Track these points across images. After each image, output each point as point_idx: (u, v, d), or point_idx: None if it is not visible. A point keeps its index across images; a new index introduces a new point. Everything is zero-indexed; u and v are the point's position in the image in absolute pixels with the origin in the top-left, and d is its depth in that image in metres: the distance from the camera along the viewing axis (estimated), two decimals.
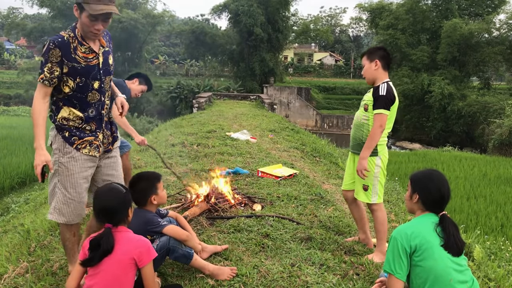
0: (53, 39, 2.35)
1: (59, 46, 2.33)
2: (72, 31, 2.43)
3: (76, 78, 2.40)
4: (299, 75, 48.92)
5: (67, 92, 2.43)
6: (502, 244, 5.16)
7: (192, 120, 11.84)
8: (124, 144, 4.37)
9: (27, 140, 14.00)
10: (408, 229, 2.17)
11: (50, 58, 2.32)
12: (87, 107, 2.50)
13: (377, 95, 3.05)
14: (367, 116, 3.15)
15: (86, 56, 2.44)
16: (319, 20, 44.19)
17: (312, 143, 9.38)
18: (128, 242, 2.07)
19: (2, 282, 2.68)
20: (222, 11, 33.49)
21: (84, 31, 2.43)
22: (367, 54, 3.21)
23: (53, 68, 2.34)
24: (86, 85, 2.45)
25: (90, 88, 2.47)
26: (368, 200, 3.18)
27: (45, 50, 2.32)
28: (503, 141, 19.50)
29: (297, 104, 29.64)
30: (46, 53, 2.33)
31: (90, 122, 2.53)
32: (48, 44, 2.33)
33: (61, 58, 2.34)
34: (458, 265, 2.13)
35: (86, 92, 2.47)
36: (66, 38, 2.38)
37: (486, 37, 29.35)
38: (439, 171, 2.38)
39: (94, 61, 2.47)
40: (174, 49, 57.87)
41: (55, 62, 2.33)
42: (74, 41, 2.40)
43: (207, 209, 3.75)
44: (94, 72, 2.47)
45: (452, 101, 26.73)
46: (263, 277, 2.64)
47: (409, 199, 2.36)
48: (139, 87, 4.45)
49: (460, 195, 9.11)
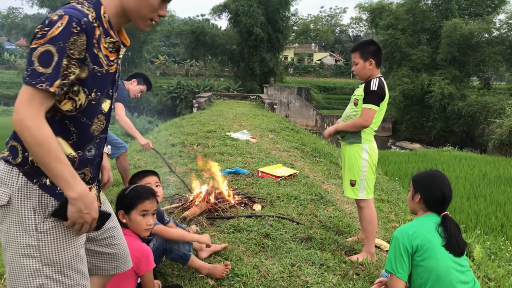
0: (76, 15, 1.33)
1: (86, 30, 1.35)
2: (95, 9, 1.42)
3: (92, 91, 1.45)
4: (299, 75, 48.93)
5: (65, 112, 1.42)
6: (502, 244, 5.16)
7: (192, 120, 11.84)
8: (120, 145, 4.37)
9: None
10: (409, 229, 2.18)
11: (69, 49, 1.32)
12: (87, 142, 1.52)
13: (368, 89, 3.03)
14: (356, 110, 3.12)
15: (108, 55, 1.49)
16: (319, 20, 44.23)
17: (312, 143, 9.38)
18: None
19: (2, 282, 2.68)
20: (222, 11, 33.46)
21: (132, 15, 1.50)
22: (359, 51, 3.09)
23: (70, 68, 1.34)
24: (98, 104, 1.51)
25: (99, 110, 1.53)
26: (355, 196, 3.16)
27: (61, 33, 1.30)
28: (503, 141, 19.50)
29: (297, 104, 29.63)
30: (63, 38, 1.31)
31: (85, 167, 1.53)
32: (69, 22, 1.31)
33: (86, 52, 1.37)
34: (459, 266, 2.12)
35: (94, 116, 1.51)
36: (92, 19, 1.39)
37: (486, 37, 29.34)
38: (441, 172, 2.39)
39: (113, 66, 1.54)
40: (174, 49, 57.86)
41: (76, 58, 1.35)
42: (99, 27, 1.42)
43: (207, 209, 3.75)
44: (109, 85, 1.56)
45: (452, 101, 26.71)
46: (263, 277, 2.64)
47: (411, 200, 2.36)
48: (137, 88, 4.44)
49: (460, 195, 9.11)
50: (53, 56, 1.30)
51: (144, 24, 1.54)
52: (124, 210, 2.17)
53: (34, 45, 1.31)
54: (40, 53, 1.30)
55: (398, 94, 28.05)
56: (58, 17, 1.32)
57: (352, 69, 3.24)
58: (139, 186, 2.34)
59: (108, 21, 1.45)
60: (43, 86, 1.29)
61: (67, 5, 1.40)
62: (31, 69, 1.30)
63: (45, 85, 1.29)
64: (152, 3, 1.47)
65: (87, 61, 1.39)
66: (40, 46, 1.30)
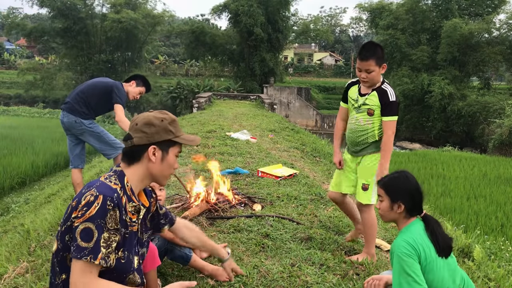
0: (109, 194, 1.59)
1: (118, 205, 1.61)
2: (119, 181, 1.69)
3: (120, 250, 1.66)
4: (299, 75, 48.93)
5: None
6: (502, 244, 5.16)
7: (192, 120, 11.84)
8: (117, 145, 4.37)
9: (27, 140, 14.01)
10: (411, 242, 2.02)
11: (107, 223, 1.55)
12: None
13: (387, 101, 2.93)
14: (371, 120, 3.02)
15: (132, 217, 1.73)
16: (319, 20, 44.08)
17: (312, 143, 9.38)
18: None
19: (2, 282, 2.68)
20: (222, 11, 33.45)
21: (157, 177, 1.79)
22: (375, 58, 2.87)
23: (111, 238, 1.57)
24: (128, 262, 1.70)
25: (132, 267, 1.73)
26: (368, 201, 3.09)
27: (99, 211, 1.53)
28: (503, 141, 19.51)
29: (297, 104, 29.62)
30: (101, 216, 1.54)
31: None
32: (104, 202, 1.55)
33: (119, 222, 1.62)
34: (451, 270, 2.06)
35: (127, 273, 1.71)
36: (120, 191, 1.66)
37: (486, 37, 29.35)
38: (407, 170, 2.26)
39: (135, 226, 1.75)
40: (174, 49, 57.86)
41: (113, 228, 1.58)
42: (124, 195, 1.69)
43: (207, 209, 3.75)
44: (134, 243, 1.76)
45: (452, 101, 26.72)
46: (263, 277, 2.64)
47: (389, 210, 2.15)
48: (136, 89, 4.43)
49: (460, 195, 9.11)
50: (93, 232, 1.53)
51: (166, 179, 1.86)
52: None
53: (76, 224, 1.53)
54: (81, 230, 1.53)
55: (398, 94, 27.11)
56: (94, 197, 1.56)
57: (363, 77, 2.96)
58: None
59: (130, 189, 1.72)
60: (88, 259, 1.51)
61: (98, 182, 1.64)
62: (75, 244, 1.53)
63: (89, 257, 1.52)
64: (172, 163, 1.80)
65: (120, 228, 1.62)
66: (81, 224, 1.52)
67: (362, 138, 3.09)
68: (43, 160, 11.32)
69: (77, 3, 31.73)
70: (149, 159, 1.74)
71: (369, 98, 3.02)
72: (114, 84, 4.25)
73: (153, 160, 1.74)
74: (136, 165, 1.75)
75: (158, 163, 1.75)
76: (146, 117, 1.77)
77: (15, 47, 57.93)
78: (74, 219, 1.55)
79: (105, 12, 33.98)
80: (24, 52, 56.46)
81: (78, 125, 4.20)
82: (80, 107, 4.20)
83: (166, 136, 1.76)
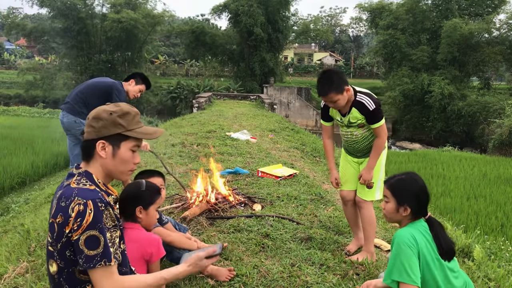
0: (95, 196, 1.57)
1: (107, 203, 1.62)
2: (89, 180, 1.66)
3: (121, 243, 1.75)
4: (299, 75, 48.89)
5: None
6: (502, 244, 5.15)
7: (192, 120, 11.84)
8: None
9: (27, 140, 13.99)
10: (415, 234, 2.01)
11: (106, 224, 1.57)
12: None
13: (368, 111, 2.94)
14: (366, 129, 3.08)
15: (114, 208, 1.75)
16: (319, 20, 44.05)
17: (312, 143, 9.38)
18: (139, 240, 2.14)
19: (2, 282, 2.68)
20: (222, 11, 33.44)
21: (114, 174, 1.72)
22: (333, 90, 2.84)
23: (113, 236, 1.61)
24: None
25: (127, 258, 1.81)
26: (372, 198, 3.15)
27: (95, 216, 1.53)
28: (503, 141, 19.48)
29: (297, 104, 29.62)
30: (99, 220, 1.54)
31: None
32: (95, 205, 1.54)
33: (115, 219, 1.65)
34: (452, 272, 2.05)
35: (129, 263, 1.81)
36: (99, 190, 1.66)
37: (486, 37, 29.32)
38: (414, 172, 2.23)
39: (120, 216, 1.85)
40: (174, 49, 57.82)
41: (113, 226, 1.61)
42: (102, 192, 1.69)
43: (207, 209, 3.75)
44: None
45: (452, 101, 26.70)
46: (263, 277, 2.64)
47: (395, 212, 2.12)
48: (136, 88, 4.42)
49: (460, 195, 9.10)
50: (99, 238, 1.52)
51: (126, 176, 1.77)
52: (143, 206, 2.22)
53: (75, 237, 1.51)
54: (85, 240, 1.51)
55: (398, 94, 28.03)
56: (83, 205, 1.53)
57: (332, 106, 2.99)
58: (149, 182, 2.34)
59: (103, 184, 1.69)
60: (102, 264, 1.52)
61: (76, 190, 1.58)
62: (83, 256, 1.51)
63: (103, 262, 1.53)
64: (126, 158, 1.70)
65: (117, 223, 1.65)
66: (81, 235, 1.51)
67: (365, 145, 3.15)
68: (43, 160, 11.31)
69: (77, 3, 31.70)
70: (100, 155, 1.67)
71: (352, 116, 3.03)
72: (114, 84, 4.24)
73: (103, 156, 1.66)
74: (93, 161, 1.68)
75: (109, 158, 1.67)
76: (97, 110, 1.70)
77: (15, 47, 57.92)
78: (70, 234, 1.52)
79: (105, 12, 33.94)
80: (24, 52, 56.46)
81: (78, 125, 4.20)
82: (80, 108, 4.19)
83: (115, 130, 1.66)
